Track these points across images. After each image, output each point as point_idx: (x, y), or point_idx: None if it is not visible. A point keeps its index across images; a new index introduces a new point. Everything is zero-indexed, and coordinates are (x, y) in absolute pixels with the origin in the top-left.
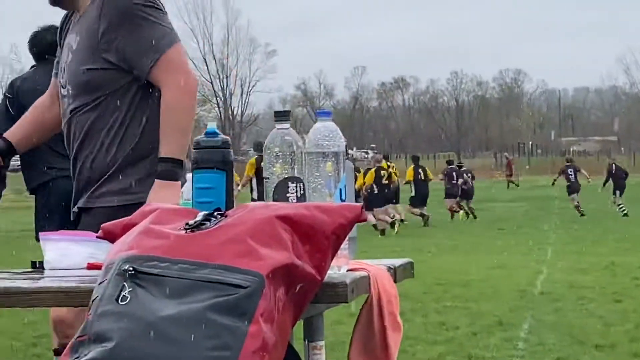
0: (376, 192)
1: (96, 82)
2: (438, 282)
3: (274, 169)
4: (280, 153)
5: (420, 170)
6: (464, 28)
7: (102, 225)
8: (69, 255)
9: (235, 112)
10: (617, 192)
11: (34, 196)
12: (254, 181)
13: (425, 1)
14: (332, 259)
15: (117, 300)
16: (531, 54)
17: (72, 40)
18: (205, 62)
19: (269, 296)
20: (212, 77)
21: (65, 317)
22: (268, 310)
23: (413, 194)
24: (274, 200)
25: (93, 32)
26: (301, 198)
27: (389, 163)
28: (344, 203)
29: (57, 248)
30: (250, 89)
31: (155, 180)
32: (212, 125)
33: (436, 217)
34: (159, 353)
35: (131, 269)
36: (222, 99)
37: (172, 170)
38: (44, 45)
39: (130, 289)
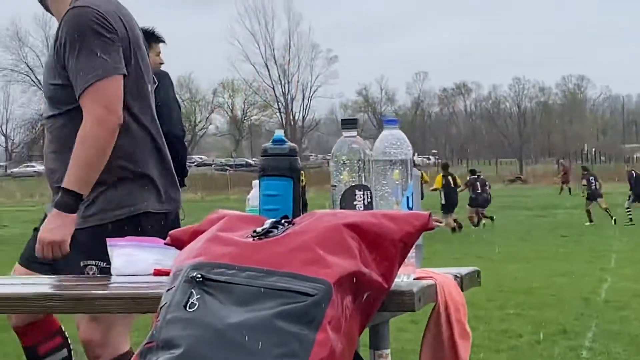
0: None
1: (60, 98)
2: (500, 289)
3: (342, 176)
4: (348, 161)
5: (449, 177)
6: (527, 33)
7: (170, 232)
8: (135, 261)
9: (296, 118)
10: (631, 198)
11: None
12: None
13: (487, 7)
14: (399, 267)
15: (185, 307)
16: (594, 60)
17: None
18: (267, 68)
19: (336, 304)
20: (273, 82)
21: (92, 336)
22: (335, 318)
23: (443, 201)
24: (341, 208)
25: (55, 47)
26: (368, 206)
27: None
28: (411, 211)
29: (123, 254)
30: (311, 94)
31: (53, 208)
32: (280, 133)
33: (493, 224)
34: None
35: (199, 276)
36: (284, 104)
37: (68, 203)
38: None
39: (198, 295)
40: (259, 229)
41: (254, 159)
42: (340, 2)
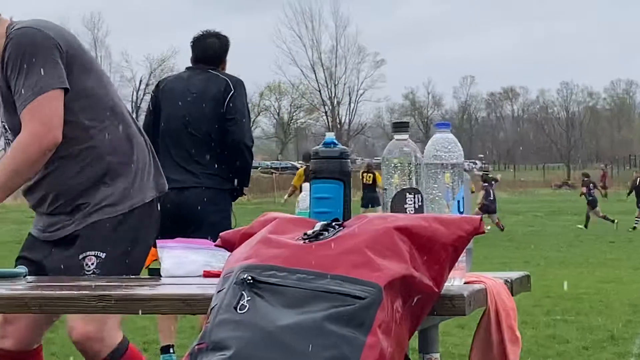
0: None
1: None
2: (548, 295)
3: (392, 180)
4: (399, 164)
5: None
6: (575, 38)
7: (220, 234)
8: (184, 263)
9: (342, 121)
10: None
11: None
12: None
13: (535, 11)
14: (449, 271)
15: (235, 308)
16: None
17: None
18: (314, 71)
19: (386, 307)
20: (320, 85)
21: (89, 333)
22: (386, 322)
23: None
24: (391, 211)
25: (3, 72)
26: (419, 209)
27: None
28: (462, 215)
29: (173, 256)
30: (358, 97)
31: None
32: (331, 136)
33: (540, 230)
34: None
35: (250, 278)
36: (330, 107)
37: None
38: (203, 50)
39: (249, 297)
40: (309, 232)
41: (299, 162)
42: (387, 5)
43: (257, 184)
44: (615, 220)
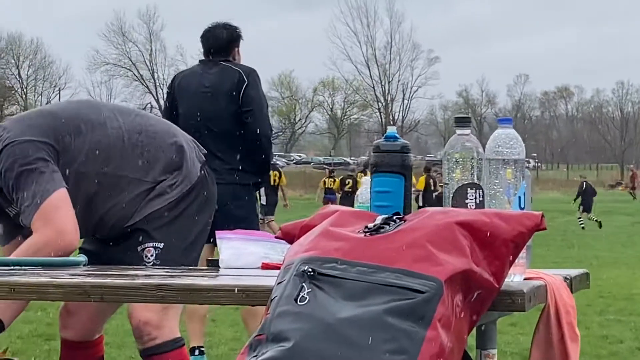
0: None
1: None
2: (601, 295)
3: (454, 174)
4: (461, 159)
5: (431, 180)
6: (631, 37)
7: (281, 226)
8: (243, 254)
9: (396, 118)
10: (581, 208)
11: None
12: None
13: (591, 10)
14: (510, 267)
15: (295, 300)
16: None
17: None
18: (368, 67)
19: (447, 302)
20: (373, 82)
21: (150, 318)
22: (446, 316)
23: (420, 203)
24: (452, 206)
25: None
26: (480, 205)
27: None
28: (523, 211)
29: (231, 247)
30: (411, 94)
31: None
32: (392, 130)
33: (593, 230)
34: (336, 354)
35: (310, 270)
36: (383, 104)
37: None
38: (211, 42)
39: (309, 289)
40: (370, 225)
41: (352, 157)
42: (443, 2)
43: (310, 180)
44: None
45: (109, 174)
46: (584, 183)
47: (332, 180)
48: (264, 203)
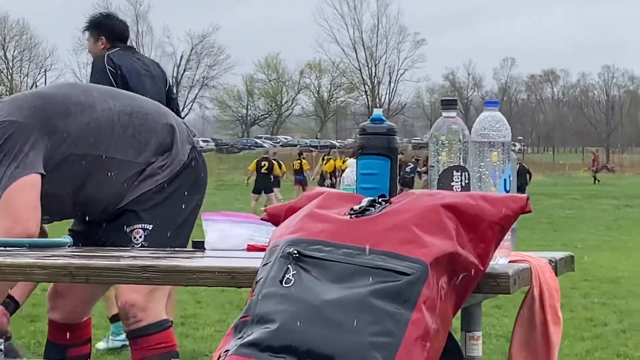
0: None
1: None
2: (585, 278)
3: (440, 157)
4: (447, 142)
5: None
6: (618, 21)
7: (266, 209)
8: (229, 236)
9: (382, 101)
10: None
11: None
12: None
13: None
14: (495, 250)
15: (281, 282)
16: None
17: None
18: (354, 50)
19: (432, 284)
20: (360, 64)
21: (136, 300)
22: (431, 299)
23: None
24: (438, 189)
25: None
26: (466, 187)
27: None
28: (509, 194)
29: (217, 229)
30: (398, 77)
31: None
32: (378, 112)
33: (579, 213)
34: (321, 336)
35: (295, 252)
36: (370, 86)
37: None
38: (123, 29)
39: (295, 271)
40: (356, 207)
41: (338, 140)
42: None
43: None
44: None
45: (99, 156)
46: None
47: (300, 162)
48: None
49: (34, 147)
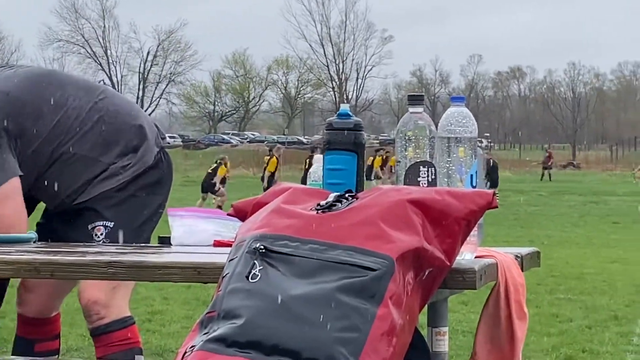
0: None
1: None
2: (552, 274)
3: (406, 152)
4: (413, 137)
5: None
6: (583, 19)
7: (233, 204)
8: (195, 232)
9: (349, 97)
10: (488, 185)
11: None
12: None
13: None
14: (461, 245)
15: (247, 277)
16: None
17: None
18: (322, 46)
19: (398, 280)
20: (328, 60)
21: (98, 297)
22: (397, 294)
23: None
24: (405, 184)
25: None
26: (432, 183)
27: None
28: (475, 189)
29: (183, 224)
30: (365, 74)
31: None
32: (345, 107)
33: (545, 209)
34: (287, 331)
35: (262, 247)
36: (337, 83)
37: None
38: None
39: (261, 267)
40: (322, 202)
41: (305, 136)
42: None
43: (263, 158)
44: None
45: (65, 152)
46: (491, 161)
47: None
48: None
49: (6, 150)
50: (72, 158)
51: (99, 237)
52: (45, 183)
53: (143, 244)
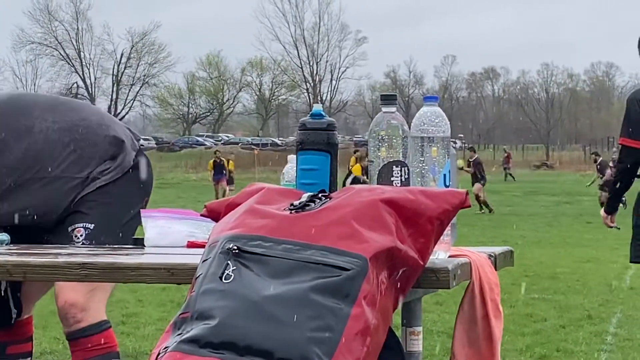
0: None
1: None
2: (526, 273)
3: (379, 152)
4: (386, 137)
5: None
6: (557, 20)
7: (206, 204)
8: (169, 233)
9: (324, 98)
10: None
11: None
12: None
13: None
14: (435, 244)
15: (220, 278)
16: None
17: None
18: (296, 47)
19: (371, 279)
20: (302, 62)
21: (76, 300)
22: (371, 294)
23: None
24: (378, 184)
25: None
26: (405, 182)
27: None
28: (448, 189)
29: (157, 226)
30: (339, 75)
31: None
32: (318, 107)
33: (519, 210)
34: (261, 331)
35: (235, 247)
36: (312, 84)
37: None
38: None
39: (234, 267)
40: (296, 203)
41: (280, 138)
42: None
43: (238, 160)
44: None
45: (37, 177)
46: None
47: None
48: None
49: None
50: (46, 181)
51: (78, 238)
52: (27, 212)
53: (116, 246)
